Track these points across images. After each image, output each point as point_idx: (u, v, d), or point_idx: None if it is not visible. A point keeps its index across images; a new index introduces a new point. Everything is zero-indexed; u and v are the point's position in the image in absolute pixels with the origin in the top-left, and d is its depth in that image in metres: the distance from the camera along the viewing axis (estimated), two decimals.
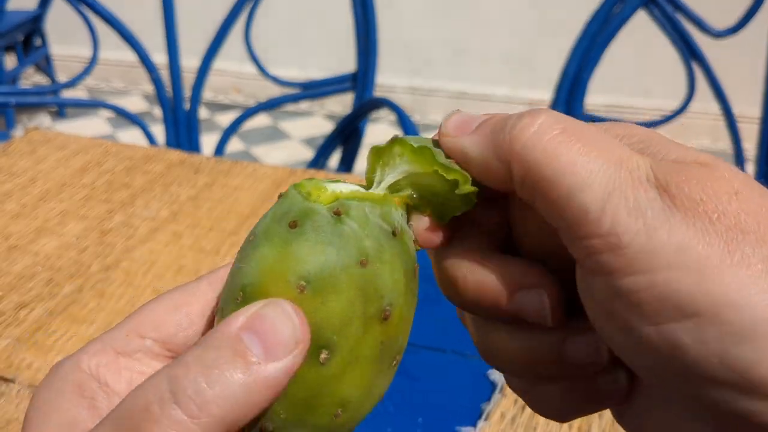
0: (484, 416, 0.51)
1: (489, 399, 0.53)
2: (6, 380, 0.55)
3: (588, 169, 0.20)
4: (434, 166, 0.24)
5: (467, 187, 0.23)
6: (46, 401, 0.23)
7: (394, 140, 0.24)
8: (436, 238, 0.25)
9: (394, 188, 0.24)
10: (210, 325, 0.26)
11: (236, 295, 0.22)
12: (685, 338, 0.19)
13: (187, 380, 0.20)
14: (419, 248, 0.25)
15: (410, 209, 0.25)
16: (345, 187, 0.24)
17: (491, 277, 0.23)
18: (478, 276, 0.24)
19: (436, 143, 0.24)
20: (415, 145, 0.24)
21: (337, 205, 0.23)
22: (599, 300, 0.21)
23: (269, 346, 0.21)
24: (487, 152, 0.23)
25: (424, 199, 0.24)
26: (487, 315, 0.24)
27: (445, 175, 0.23)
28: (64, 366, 0.24)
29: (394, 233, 0.23)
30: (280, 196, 0.24)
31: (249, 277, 0.22)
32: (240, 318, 0.21)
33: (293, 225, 0.22)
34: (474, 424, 0.51)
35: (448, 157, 0.24)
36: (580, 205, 0.20)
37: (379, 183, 0.24)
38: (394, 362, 0.24)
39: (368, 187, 0.25)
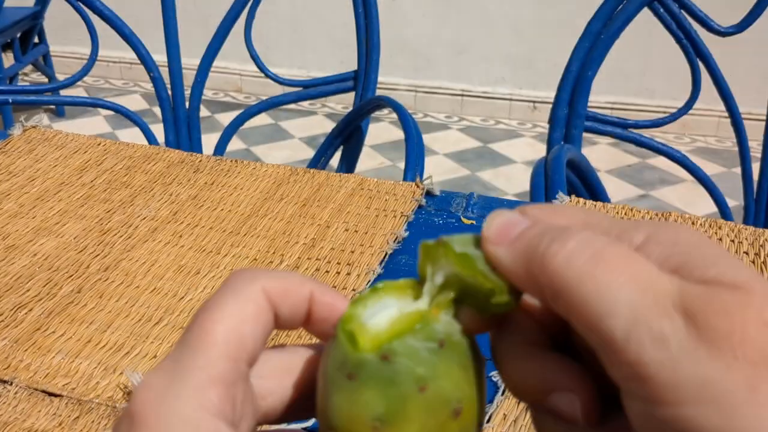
0: (486, 418, 0.51)
1: (492, 401, 0.52)
2: (3, 382, 0.54)
3: (614, 297, 0.21)
4: (474, 272, 0.25)
5: (502, 298, 0.25)
6: None
7: (439, 242, 0.26)
8: (481, 329, 0.26)
9: (442, 287, 0.26)
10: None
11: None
12: None
13: None
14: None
15: (456, 303, 0.27)
16: (384, 318, 0.26)
17: (530, 375, 0.25)
18: (519, 372, 0.25)
19: (479, 243, 0.26)
20: (458, 251, 0.26)
21: (383, 351, 0.25)
22: (637, 418, 0.22)
23: None
24: (519, 269, 0.24)
25: (468, 296, 0.26)
26: (530, 404, 0.26)
27: (483, 282, 0.25)
28: (182, 404, 0.22)
29: (441, 345, 0.25)
30: (332, 338, 0.26)
31: (334, 420, 0.25)
32: None
33: (351, 377, 0.25)
34: None
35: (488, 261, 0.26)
36: (607, 331, 0.21)
37: (432, 276, 0.27)
38: None
39: (422, 278, 0.27)
